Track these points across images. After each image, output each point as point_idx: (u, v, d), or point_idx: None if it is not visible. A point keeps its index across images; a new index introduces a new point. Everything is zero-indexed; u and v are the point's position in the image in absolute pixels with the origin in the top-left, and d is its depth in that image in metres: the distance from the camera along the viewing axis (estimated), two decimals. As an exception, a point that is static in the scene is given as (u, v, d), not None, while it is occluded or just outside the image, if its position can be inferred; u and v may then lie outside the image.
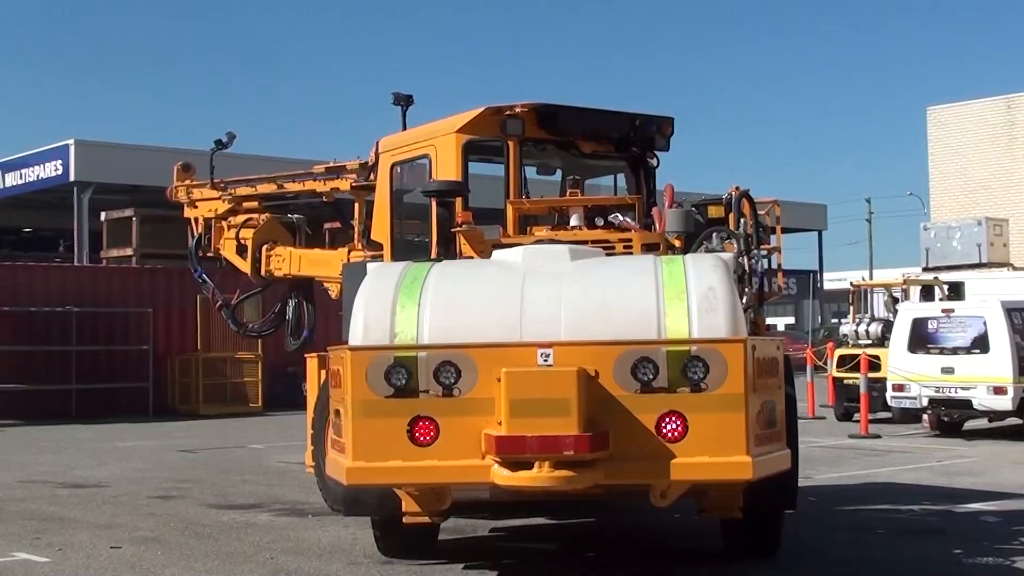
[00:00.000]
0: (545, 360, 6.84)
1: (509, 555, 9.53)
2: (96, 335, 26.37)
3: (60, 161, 33.93)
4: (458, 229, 9.12)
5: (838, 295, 55.40)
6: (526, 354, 6.86)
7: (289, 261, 15.04)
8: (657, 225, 9.80)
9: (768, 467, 7.10)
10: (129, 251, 29.67)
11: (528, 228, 9.98)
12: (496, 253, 8.45)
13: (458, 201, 9.74)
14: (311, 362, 13.29)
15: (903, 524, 10.98)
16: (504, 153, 10.62)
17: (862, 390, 20.40)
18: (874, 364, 21.42)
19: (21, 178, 36.05)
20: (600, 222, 10.02)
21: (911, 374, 20.00)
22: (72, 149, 33.54)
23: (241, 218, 15.89)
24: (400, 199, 11.66)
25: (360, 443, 6.84)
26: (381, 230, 11.83)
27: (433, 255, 9.50)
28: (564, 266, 7.76)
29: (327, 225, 14.71)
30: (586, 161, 11.52)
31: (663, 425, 6.80)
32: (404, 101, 13.41)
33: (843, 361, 23.14)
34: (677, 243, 9.50)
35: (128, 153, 33.70)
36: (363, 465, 6.85)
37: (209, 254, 17.11)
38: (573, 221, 9.93)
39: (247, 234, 15.55)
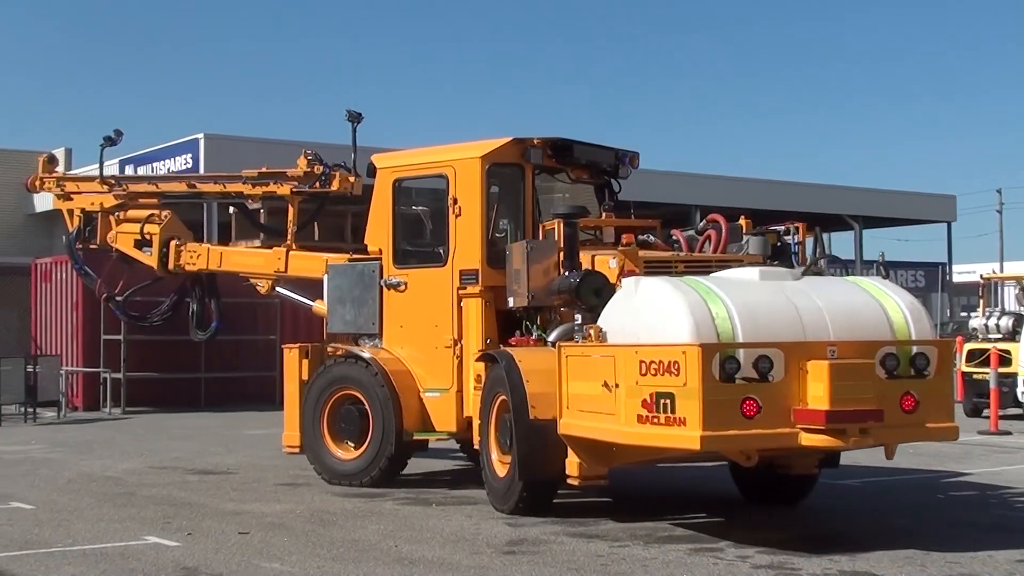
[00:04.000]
0: (832, 354, 8.89)
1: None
2: (224, 325, 26.80)
3: (190, 155, 34.60)
4: (623, 248, 10.52)
5: (967, 288, 54.24)
6: (819, 349, 8.94)
7: (207, 257, 15.76)
8: (683, 245, 11.50)
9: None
10: (257, 243, 30.07)
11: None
12: (725, 273, 10.19)
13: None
14: (290, 353, 13.88)
15: (1035, 523, 10.75)
16: (522, 178, 12.33)
17: (992, 386, 19.95)
18: (1004, 359, 20.95)
19: (152, 171, 36.79)
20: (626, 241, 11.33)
21: (1043, 369, 19.53)
22: (202, 143, 34.13)
23: (143, 213, 16.45)
24: (400, 210, 13.03)
25: (708, 417, 8.65)
26: (379, 237, 13.21)
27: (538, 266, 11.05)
28: (794, 283, 9.76)
29: None
30: (566, 186, 13.32)
31: (904, 401, 9.13)
32: (356, 118, 14.39)
33: (972, 356, 22.65)
34: None
35: (256, 146, 34.15)
36: (711, 434, 8.66)
37: (92, 246, 17.61)
38: (607, 240, 11.49)
39: (153, 229, 16.24)
